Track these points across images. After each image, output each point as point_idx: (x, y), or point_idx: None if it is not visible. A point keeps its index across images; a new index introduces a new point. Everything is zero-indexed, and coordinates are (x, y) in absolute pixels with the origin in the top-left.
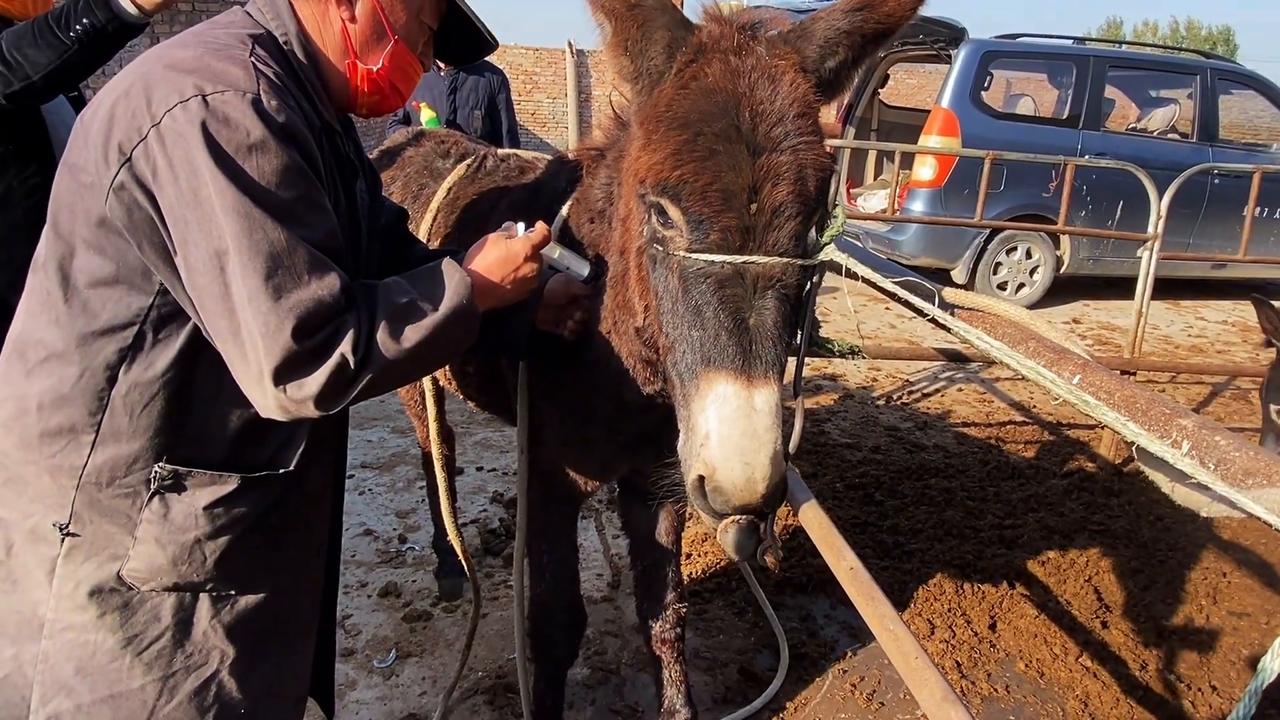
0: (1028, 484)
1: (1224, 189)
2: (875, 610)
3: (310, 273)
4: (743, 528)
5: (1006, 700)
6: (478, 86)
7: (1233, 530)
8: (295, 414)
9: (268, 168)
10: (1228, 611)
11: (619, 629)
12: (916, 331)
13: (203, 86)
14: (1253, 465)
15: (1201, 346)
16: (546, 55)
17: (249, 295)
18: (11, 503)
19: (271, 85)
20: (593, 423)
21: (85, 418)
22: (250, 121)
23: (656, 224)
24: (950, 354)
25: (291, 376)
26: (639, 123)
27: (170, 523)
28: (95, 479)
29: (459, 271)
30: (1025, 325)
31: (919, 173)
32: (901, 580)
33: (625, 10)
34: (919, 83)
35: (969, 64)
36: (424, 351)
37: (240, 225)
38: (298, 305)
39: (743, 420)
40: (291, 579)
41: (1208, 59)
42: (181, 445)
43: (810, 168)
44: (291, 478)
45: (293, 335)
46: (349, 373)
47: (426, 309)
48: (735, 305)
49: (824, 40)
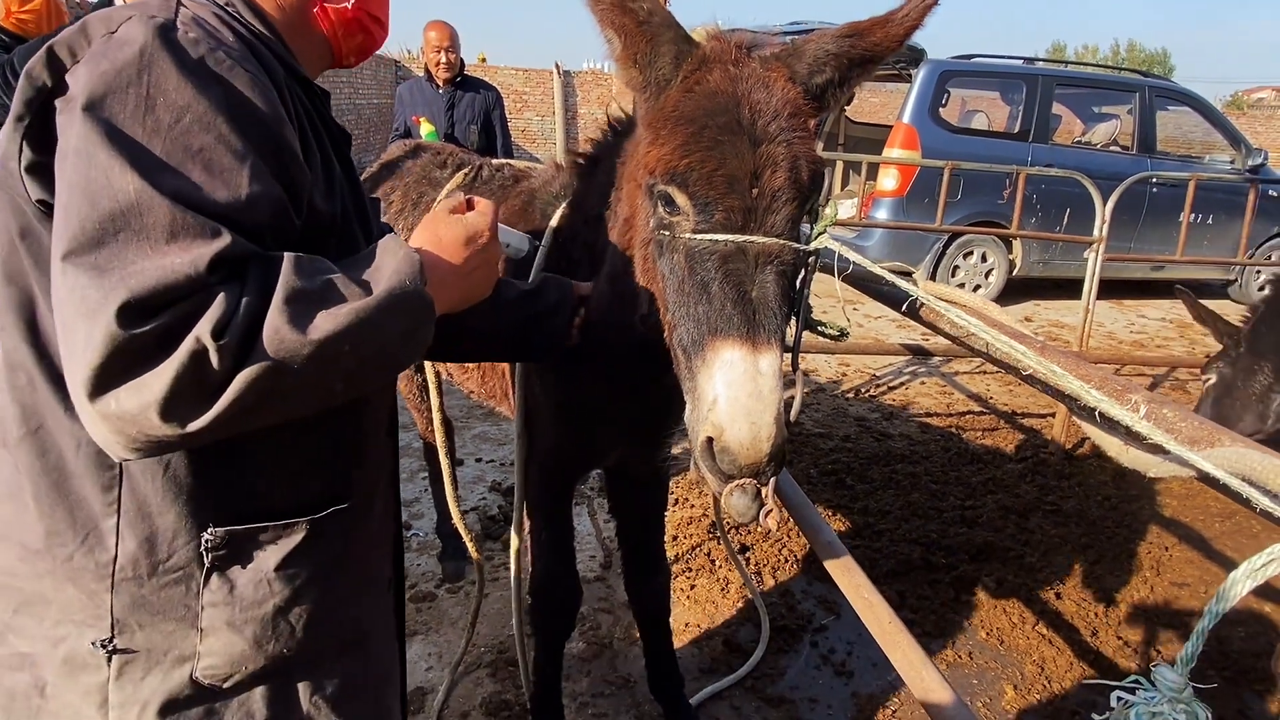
0: (986, 468)
1: (1162, 197)
2: (851, 580)
3: (169, 238)
4: (746, 491)
5: (970, 665)
6: (474, 103)
7: (1174, 508)
8: (134, 439)
9: (160, 101)
10: (1170, 582)
11: (611, 606)
12: (882, 330)
13: (109, 21)
14: (1197, 433)
15: (1143, 342)
16: (535, 75)
17: (66, 263)
18: (33, 632)
19: (195, 19)
20: (588, 410)
21: (99, 497)
22: (149, 45)
23: (664, 212)
24: (914, 349)
25: (119, 377)
26: (646, 124)
27: (239, 599)
28: (132, 572)
29: (402, 247)
30: (991, 315)
31: (883, 183)
32: (872, 558)
33: (635, 27)
34: (881, 101)
35: (928, 83)
36: (342, 347)
37: (80, 170)
38: (132, 275)
39: (749, 382)
40: (372, 625)
41: (1146, 78)
42: (229, 498)
43: (804, 159)
44: (357, 510)
45: (118, 315)
46: (211, 369)
47: (351, 290)
48: (738, 279)
49: (813, 59)
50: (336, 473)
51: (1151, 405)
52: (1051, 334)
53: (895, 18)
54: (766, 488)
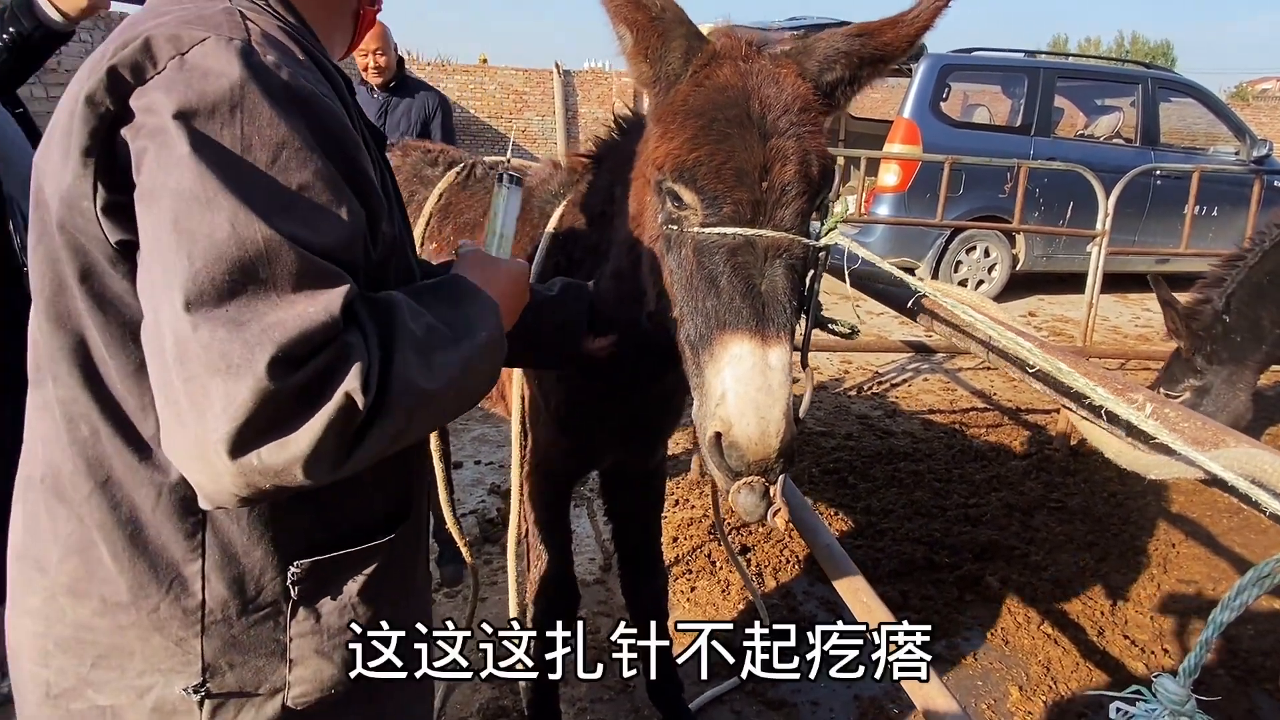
0: (990, 465)
1: (1166, 189)
2: (849, 585)
3: (296, 286)
4: (754, 490)
5: (974, 666)
6: (410, 110)
7: (1181, 504)
8: (262, 491)
9: (256, 139)
10: (1177, 579)
11: (610, 609)
12: (885, 326)
13: (176, 41)
14: (1201, 433)
15: (1148, 336)
16: (535, 75)
17: (194, 315)
18: (114, 685)
19: (267, 37)
20: (586, 410)
21: (181, 544)
22: (241, 77)
23: (672, 207)
24: (916, 346)
25: (263, 433)
26: (656, 120)
27: (326, 627)
28: (222, 614)
29: (482, 292)
30: (990, 313)
31: (884, 179)
32: (875, 557)
33: (647, 22)
34: (882, 96)
35: (928, 77)
36: (455, 391)
37: (195, 215)
38: (275, 327)
39: (758, 376)
40: (426, 625)
41: (1149, 69)
42: (308, 530)
43: (813, 153)
44: (413, 523)
45: (269, 370)
46: (357, 420)
47: (455, 335)
48: (747, 272)
49: (823, 57)
50: (399, 491)
51: (1156, 404)
52: (1055, 329)
53: (906, 18)
54: (775, 486)
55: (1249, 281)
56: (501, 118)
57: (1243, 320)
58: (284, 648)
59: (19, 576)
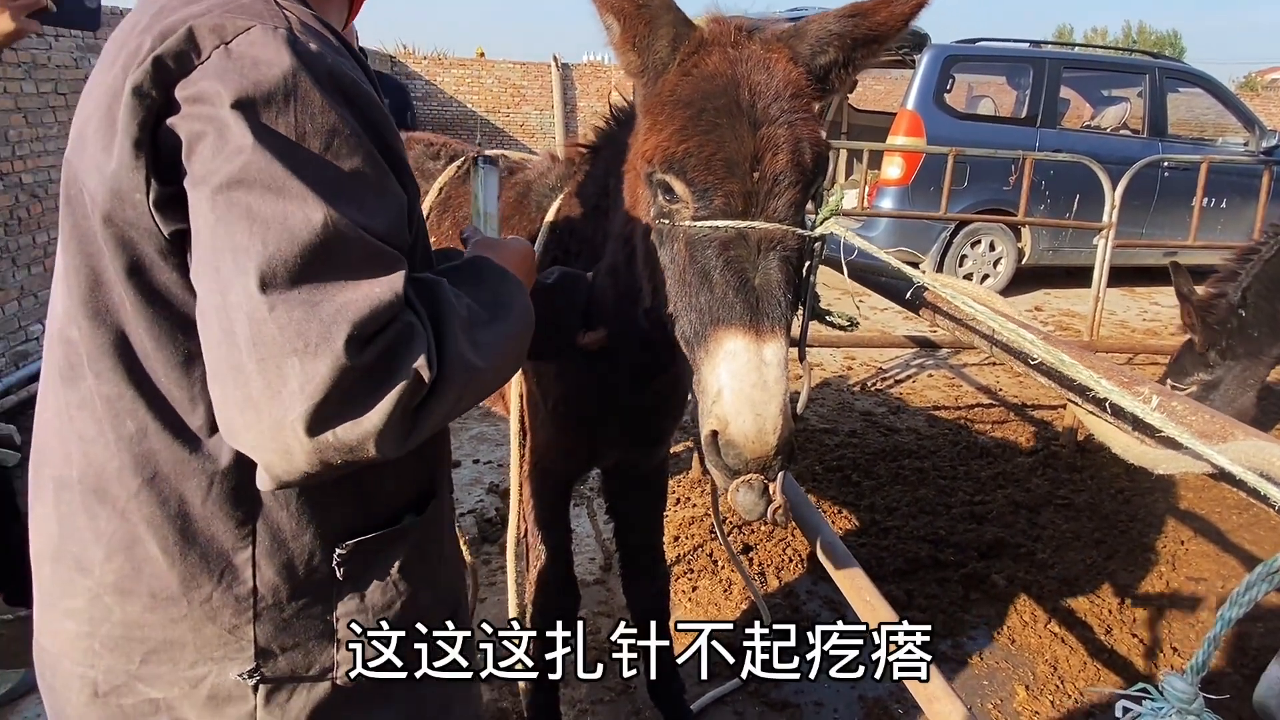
0: (996, 462)
1: (1174, 181)
2: (852, 583)
3: (362, 267)
4: (753, 488)
5: (980, 666)
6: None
7: (1190, 500)
8: (331, 467)
9: (309, 126)
10: (1186, 577)
11: (611, 609)
12: (889, 322)
13: (219, 30)
14: (1209, 426)
15: (1156, 330)
16: (533, 69)
17: (269, 296)
18: (167, 678)
19: (305, 25)
20: (586, 408)
21: (231, 533)
22: (292, 65)
23: (663, 201)
24: (920, 341)
25: (342, 411)
26: (644, 111)
27: (370, 605)
28: (273, 600)
29: (509, 272)
30: (995, 306)
31: (887, 172)
32: (879, 555)
33: (634, 9)
34: (885, 88)
35: (932, 68)
36: (497, 366)
37: (265, 201)
38: (348, 307)
39: (753, 373)
40: (458, 598)
41: (1156, 59)
42: (351, 511)
43: (806, 141)
44: (441, 498)
45: (346, 347)
46: (421, 395)
47: (491, 314)
48: (741, 266)
49: (815, 39)
50: (431, 467)
51: (1162, 397)
52: (1062, 323)
53: None
54: (774, 483)
55: (1265, 275)
56: (499, 112)
57: (1259, 314)
58: (332, 628)
59: (55, 578)
